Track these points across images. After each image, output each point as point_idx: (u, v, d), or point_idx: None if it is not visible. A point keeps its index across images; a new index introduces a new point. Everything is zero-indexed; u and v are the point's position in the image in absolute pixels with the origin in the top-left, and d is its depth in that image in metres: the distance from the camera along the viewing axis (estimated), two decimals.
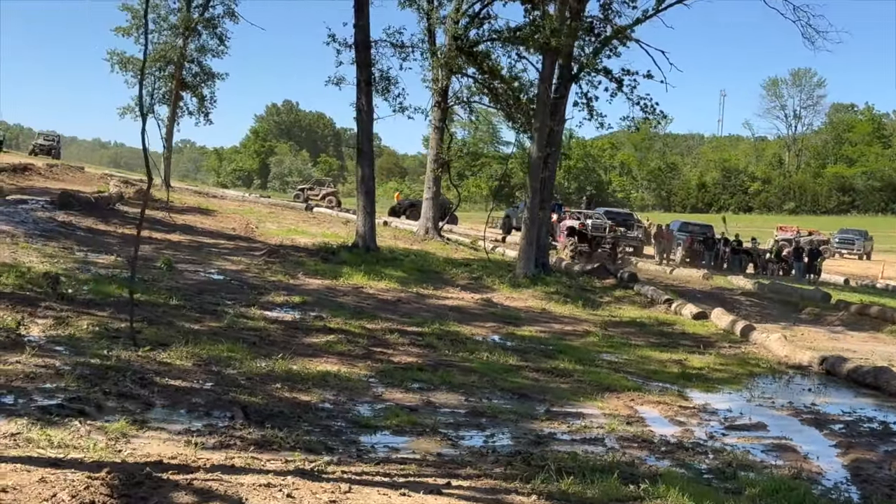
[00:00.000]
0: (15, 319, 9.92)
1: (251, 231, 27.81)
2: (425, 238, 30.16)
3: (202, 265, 17.63)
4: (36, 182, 37.89)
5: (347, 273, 18.37)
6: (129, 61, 42.62)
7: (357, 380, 9.33)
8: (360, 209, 22.70)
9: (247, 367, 9.23)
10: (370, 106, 22.58)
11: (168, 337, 10.14)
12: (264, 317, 12.66)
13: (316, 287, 16.51)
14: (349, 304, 14.94)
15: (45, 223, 19.79)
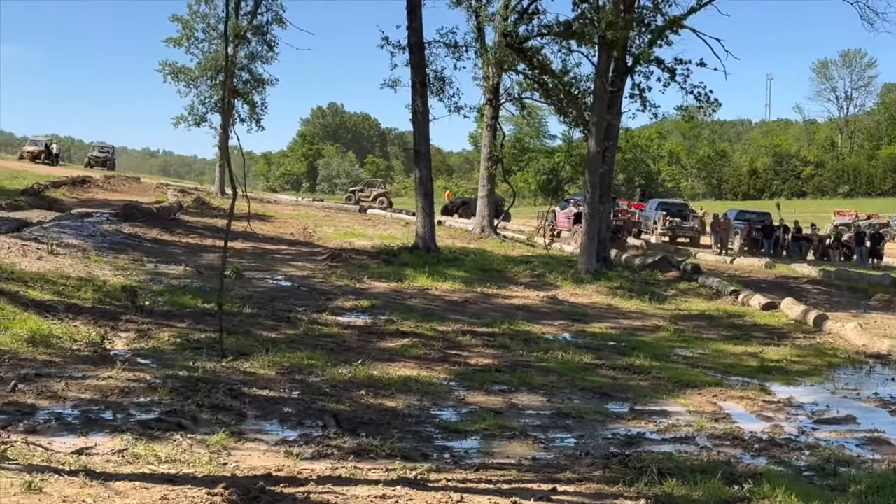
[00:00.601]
0: (99, 334, 10.10)
1: (309, 235, 28.00)
2: (482, 236, 30.14)
3: (269, 272, 17.80)
4: (95, 194, 38.54)
5: (411, 275, 18.42)
6: (180, 71, 43.08)
7: (438, 384, 9.36)
8: (420, 210, 22.75)
9: (329, 374, 9.31)
10: (426, 107, 22.62)
11: (248, 346, 10.27)
12: (337, 322, 12.75)
13: (382, 290, 16.58)
14: (417, 306, 14.99)
15: (112, 235, 20.12)
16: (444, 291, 17.17)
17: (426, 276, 18.33)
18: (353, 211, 43.39)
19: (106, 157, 65.18)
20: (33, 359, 8.46)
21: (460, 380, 9.65)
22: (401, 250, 22.34)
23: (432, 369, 10.05)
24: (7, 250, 14.74)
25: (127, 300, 12.14)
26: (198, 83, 43.57)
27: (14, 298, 10.79)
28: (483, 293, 17.44)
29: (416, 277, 18.20)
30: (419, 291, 16.88)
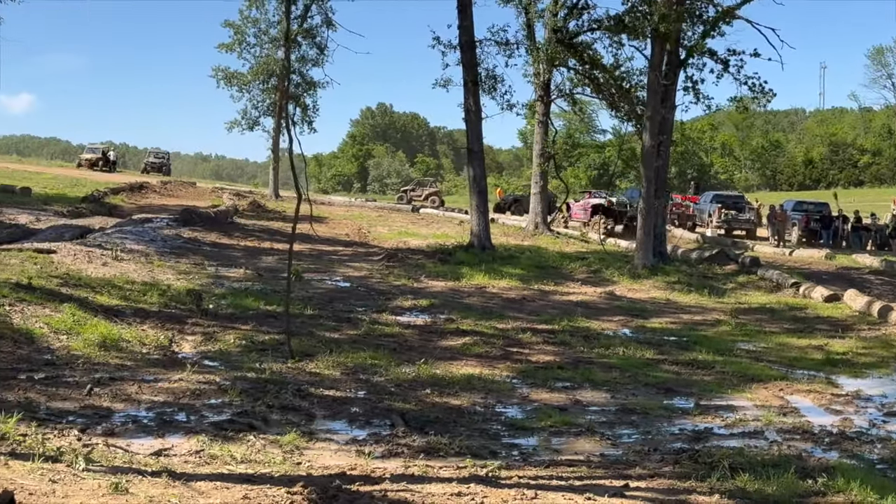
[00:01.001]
0: (167, 337, 10.30)
1: (364, 236, 28.19)
2: (535, 233, 30.10)
3: (327, 273, 17.97)
4: (153, 199, 39.18)
5: (468, 273, 18.48)
6: (233, 76, 43.62)
7: (501, 381, 9.39)
8: (474, 209, 22.79)
9: (393, 373, 9.38)
10: (478, 106, 22.66)
11: (312, 347, 10.39)
12: (397, 322, 12.84)
13: (440, 289, 16.66)
14: (476, 304, 15.04)
15: (172, 240, 20.46)
16: (501, 289, 17.20)
17: (483, 274, 18.38)
18: (406, 210, 43.55)
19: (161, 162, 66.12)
20: (106, 363, 8.66)
21: (523, 377, 9.67)
22: (456, 249, 22.40)
23: (494, 367, 10.08)
24: (73, 257, 15.07)
25: (192, 303, 12.34)
26: (250, 87, 44.08)
27: (84, 304, 11.04)
28: (540, 290, 17.43)
29: (473, 276, 18.25)
30: (476, 290, 16.93)
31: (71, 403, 7.05)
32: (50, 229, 21.61)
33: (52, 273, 13.00)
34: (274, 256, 20.21)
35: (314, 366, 9.44)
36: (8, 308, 9.88)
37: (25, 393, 7.14)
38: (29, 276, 11.79)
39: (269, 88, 43.77)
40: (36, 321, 9.72)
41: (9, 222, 23.74)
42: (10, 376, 7.63)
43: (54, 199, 32.70)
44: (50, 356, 8.64)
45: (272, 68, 43.11)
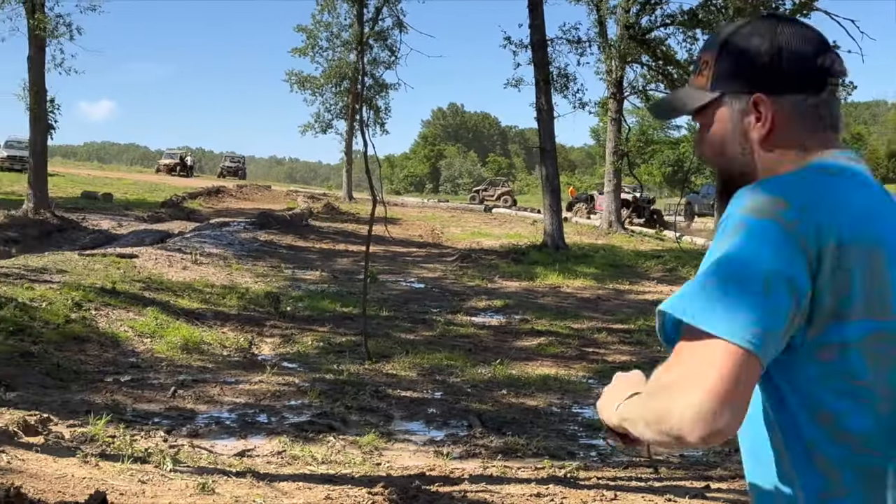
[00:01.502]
0: (246, 339, 10.53)
1: (437, 237, 28.33)
2: (609, 231, 29.92)
3: (401, 274, 18.12)
4: (229, 203, 39.90)
5: (542, 273, 18.45)
6: (306, 80, 44.21)
7: (577, 382, 9.37)
8: (547, 208, 22.74)
9: (468, 374, 9.42)
10: (550, 105, 22.61)
11: (388, 348, 10.49)
12: (472, 322, 12.90)
13: (514, 289, 16.67)
14: (550, 304, 15.01)
15: (249, 243, 20.83)
16: (575, 289, 17.13)
17: (557, 273, 18.33)
18: (478, 211, 43.62)
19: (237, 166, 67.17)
20: (188, 365, 8.87)
21: (599, 377, 9.61)
22: (529, 249, 22.40)
23: (570, 367, 10.06)
24: (155, 261, 15.44)
25: (270, 306, 12.57)
26: (323, 91, 44.66)
27: (166, 308, 11.32)
28: (615, 289, 17.32)
29: (547, 275, 18.22)
30: (551, 289, 16.89)
31: (156, 405, 7.25)
32: (131, 234, 22.26)
33: (135, 277, 13.34)
34: (349, 258, 20.45)
35: (391, 367, 9.53)
36: (94, 312, 10.18)
37: (112, 395, 7.35)
38: (113, 281, 12.12)
39: (341, 91, 44.31)
40: (121, 325, 10.00)
41: (92, 228, 24.50)
42: (97, 379, 7.88)
43: (135, 205, 33.58)
44: (135, 359, 8.89)
45: (344, 71, 43.62)
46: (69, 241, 22.29)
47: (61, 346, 8.66)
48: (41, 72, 24.53)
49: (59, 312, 9.59)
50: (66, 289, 10.83)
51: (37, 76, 24.40)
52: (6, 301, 9.41)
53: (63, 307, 9.86)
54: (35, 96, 24.27)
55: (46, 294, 10.37)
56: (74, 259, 14.27)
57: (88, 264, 13.92)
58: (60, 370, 7.85)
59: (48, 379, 7.58)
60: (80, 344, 8.92)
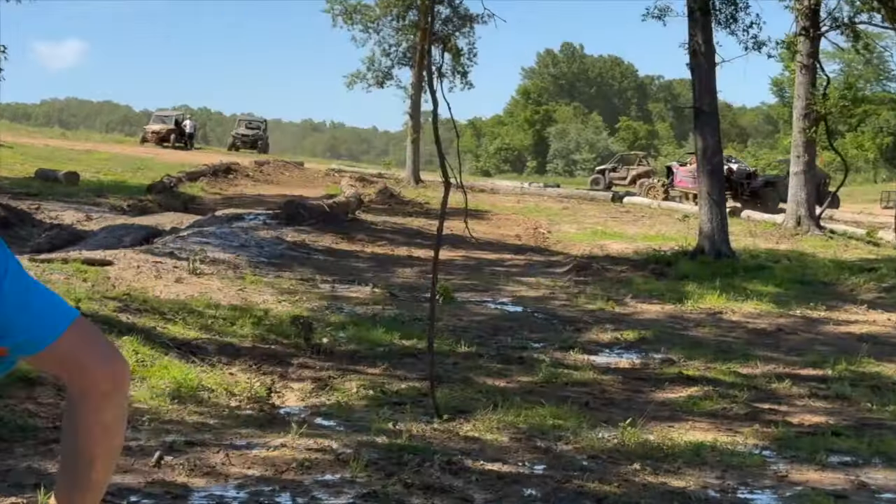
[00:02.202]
0: (264, 385, 10.61)
1: (543, 238, 28.31)
2: (797, 232, 29.57)
3: (489, 292, 18.13)
4: (244, 188, 40.51)
5: (695, 292, 18.29)
6: (355, 10, 44.55)
7: (745, 453, 9.24)
8: (704, 196, 22.53)
9: (584, 439, 9.36)
10: (710, 45, 22.38)
11: (467, 400, 10.49)
12: (591, 364, 12.81)
13: (654, 316, 16.56)
14: (707, 338, 14.87)
15: (271, 245, 21.07)
16: (744, 316, 16.95)
17: (717, 292, 18.15)
18: (604, 200, 43.50)
19: (256, 135, 67.91)
20: (180, 420, 8.96)
21: (778, 447, 9.49)
22: (677, 256, 22.23)
23: (735, 432, 9.94)
24: (137, 270, 15.69)
25: (298, 336, 12.65)
26: (379, 26, 44.91)
27: (150, 337, 11.47)
28: (804, 317, 17.08)
29: (703, 296, 18.05)
30: (708, 316, 16.73)
31: (134, 477, 7.33)
32: (104, 231, 22.66)
33: (108, 293, 13.55)
34: (413, 268, 20.52)
35: (471, 427, 9.52)
36: None
37: None
38: (77, 298, 12.30)
39: (406, 27, 44.58)
40: None
41: (49, 222, 24.98)
42: (51, 438, 7.99)
43: (110, 189, 34.28)
44: None
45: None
46: (17, 239, 22.73)
47: (2, 391, 8.81)
48: None
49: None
50: None
51: None
52: None
53: None
54: None
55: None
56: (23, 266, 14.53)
57: (43, 274, 14.16)
58: (1, 425, 7.99)
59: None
60: (28, 388, 9.06)
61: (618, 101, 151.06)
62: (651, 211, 38.84)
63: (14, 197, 27.63)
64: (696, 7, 22.31)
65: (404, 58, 45.73)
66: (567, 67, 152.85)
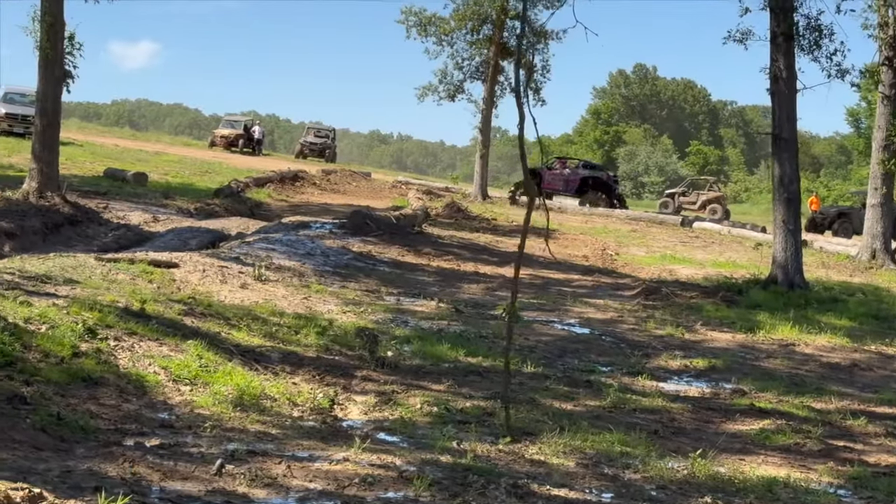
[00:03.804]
0: (327, 396, 10.53)
1: (610, 259, 28.12)
2: (872, 265, 29.20)
3: (555, 312, 17.97)
4: (310, 196, 40.66)
5: (767, 322, 18.03)
6: (430, 22, 44.54)
7: (819, 492, 9.03)
8: (779, 225, 22.21)
9: (653, 468, 9.18)
10: (792, 71, 22.08)
11: (533, 422, 10.34)
12: (659, 391, 12.64)
13: (724, 345, 16.32)
14: (779, 370, 14.63)
15: (336, 255, 21.05)
16: (818, 349, 16.67)
17: (790, 324, 17.87)
18: (673, 224, 43.26)
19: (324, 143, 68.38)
20: (242, 428, 8.89)
21: (854, 487, 9.27)
22: (749, 285, 21.94)
23: (809, 468, 9.73)
24: (202, 274, 15.71)
25: (363, 348, 12.57)
26: (453, 39, 44.89)
27: (214, 342, 11.44)
28: (880, 353, 16.78)
29: (775, 326, 17.78)
30: (780, 348, 16.47)
31: (194, 485, 7.25)
32: (171, 233, 22.82)
33: (173, 296, 13.57)
34: (480, 284, 20.41)
35: (537, 450, 9.37)
36: (113, 343, 10.34)
37: (133, 466, 7.38)
38: (142, 300, 12.33)
39: (479, 41, 44.49)
40: (149, 364, 10.12)
41: (117, 221, 25.19)
42: (112, 441, 7.94)
43: (178, 191, 34.52)
44: (167, 415, 8.95)
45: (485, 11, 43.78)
46: (84, 237, 23.00)
47: (64, 390, 8.79)
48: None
49: (63, 341, 9.75)
50: (75, 307, 11.04)
51: (51, 1, 25.18)
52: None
53: (70, 333, 10.03)
54: (48, 30, 25.03)
55: (48, 313, 10.57)
56: (90, 265, 14.61)
57: (109, 273, 14.24)
58: (62, 425, 7.95)
59: (43, 436, 7.68)
60: (91, 388, 9.04)
61: (689, 125, 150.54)
62: (721, 237, 38.54)
63: (83, 195, 27.86)
64: (779, 32, 22.03)
65: (477, 72, 45.65)
66: (639, 89, 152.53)
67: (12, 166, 35.36)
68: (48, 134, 25.79)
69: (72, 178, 29.91)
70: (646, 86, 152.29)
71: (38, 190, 24.69)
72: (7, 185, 26.69)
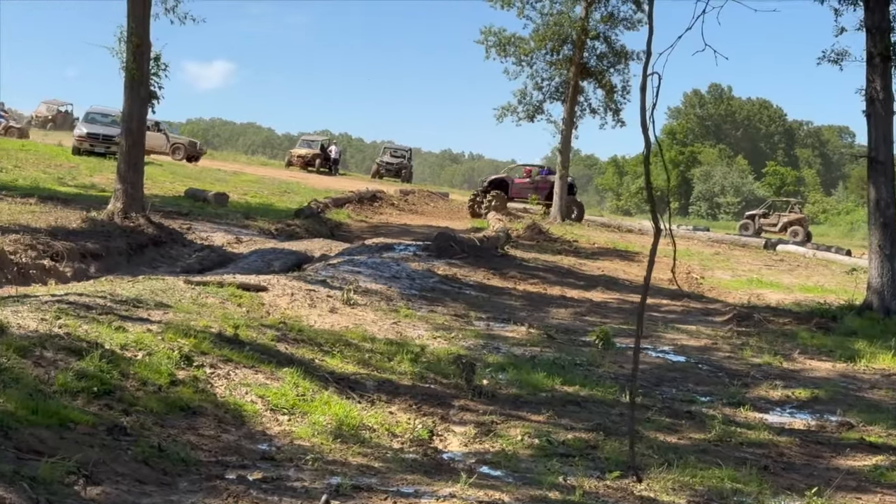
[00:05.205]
0: (425, 426, 10.28)
1: (696, 283, 27.70)
2: None
3: (648, 339, 17.59)
4: (389, 216, 40.57)
5: (866, 351, 17.53)
6: (509, 42, 44.36)
7: None
8: (875, 250, 21.70)
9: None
10: (889, 92, 21.60)
11: (638, 455, 9.96)
12: (764, 423, 12.25)
13: (825, 374, 15.87)
14: (885, 402, 14.16)
15: (422, 278, 20.84)
16: None
17: (892, 353, 17.36)
18: (756, 246, 42.83)
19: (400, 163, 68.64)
20: (344, 461, 8.66)
21: None
22: (843, 311, 21.45)
23: None
24: (290, 298, 15.56)
25: (459, 377, 12.31)
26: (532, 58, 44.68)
27: (309, 369, 11.24)
28: None
29: (875, 355, 17.28)
30: (883, 378, 15.97)
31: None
32: (254, 255, 22.73)
33: (264, 321, 13.43)
34: (568, 309, 20.12)
35: (644, 486, 9.05)
36: (209, 371, 10.18)
37: (238, 501, 7.18)
38: (235, 325, 12.18)
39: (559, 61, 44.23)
40: (246, 392, 9.95)
41: (200, 243, 25.15)
42: (214, 474, 7.74)
43: (258, 212, 34.53)
44: (267, 446, 8.76)
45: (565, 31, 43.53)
46: (168, 259, 23.00)
47: (163, 420, 8.63)
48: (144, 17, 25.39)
49: (161, 368, 9.62)
50: (170, 333, 10.91)
51: (137, 22, 25.26)
52: (89, 347, 9.48)
53: (167, 361, 9.89)
54: (134, 51, 25.11)
55: (143, 339, 10.44)
56: (180, 288, 14.52)
57: (199, 297, 14.14)
58: (163, 457, 7.76)
59: (146, 469, 7.50)
60: (189, 418, 8.89)
61: (764, 145, 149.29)
62: (806, 260, 38.01)
63: (166, 215, 27.92)
64: (875, 52, 21.56)
65: (556, 92, 45.38)
66: (714, 109, 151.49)
67: (94, 186, 35.57)
68: (133, 154, 25.87)
69: (153, 198, 29.97)
70: (721, 106, 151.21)
71: (122, 210, 24.74)
72: (90, 204, 26.82)
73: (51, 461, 6.79)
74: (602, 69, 44.45)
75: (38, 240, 19.58)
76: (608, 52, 44.01)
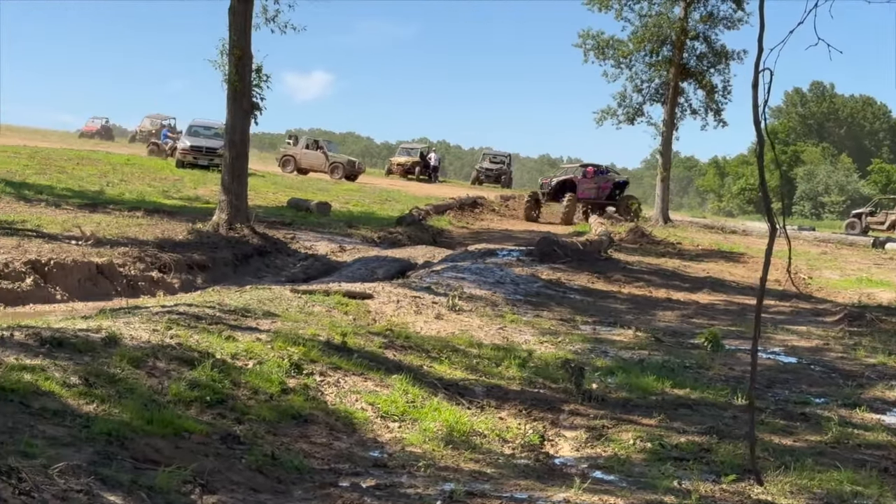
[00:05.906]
0: (536, 431, 10.21)
1: (804, 283, 27.29)
2: None
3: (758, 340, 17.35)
4: (490, 222, 40.54)
5: None
6: (608, 44, 44.23)
7: None
8: None
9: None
10: None
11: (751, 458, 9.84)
12: (881, 424, 11.97)
13: None
14: None
15: (526, 283, 20.76)
16: None
17: None
18: (863, 245, 42.12)
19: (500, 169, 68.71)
20: (456, 467, 8.61)
21: None
22: None
23: None
24: (396, 305, 15.56)
25: (567, 381, 12.22)
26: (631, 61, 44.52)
27: (418, 376, 11.23)
28: None
29: None
30: None
31: None
32: (358, 263, 22.81)
33: (371, 328, 13.45)
34: (674, 311, 19.91)
35: (762, 490, 8.88)
36: (319, 379, 10.20)
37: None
38: (343, 333, 12.21)
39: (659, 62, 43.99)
40: (356, 399, 9.97)
41: (304, 252, 25.30)
42: (328, 481, 7.73)
43: (360, 220, 34.67)
44: (379, 453, 8.75)
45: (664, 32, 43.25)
46: (273, 268, 23.16)
47: (275, 428, 8.65)
48: (246, 28, 25.60)
49: (271, 377, 9.66)
50: (279, 341, 10.96)
51: (239, 34, 25.46)
52: (200, 356, 9.55)
53: (277, 369, 9.94)
54: (236, 63, 25.32)
55: (253, 348, 10.50)
56: (286, 297, 14.61)
57: (305, 305, 14.20)
58: (277, 465, 7.77)
59: (260, 477, 7.51)
60: (301, 426, 8.90)
61: (869, 143, 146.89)
62: None
63: (269, 226, 28.14)
64: None
65: (656, 94, 45.14)
66: (816, 107, 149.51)
67: (199, 198, 35.97)
68: (237, 166, 26.11)
69: (256, 208, 30.23)
70: (823, 104, 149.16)
71: (227, 221, 24.99)
72: (195, 216, 27.13)
73: (167, 470, 6.83)
74: (702, 69, 44.19)
75: (145, 252, 19.87)
76: (708, 52, 43.76)
